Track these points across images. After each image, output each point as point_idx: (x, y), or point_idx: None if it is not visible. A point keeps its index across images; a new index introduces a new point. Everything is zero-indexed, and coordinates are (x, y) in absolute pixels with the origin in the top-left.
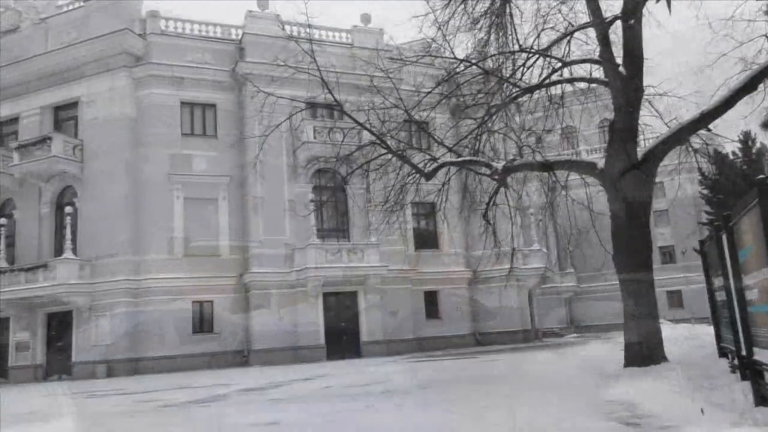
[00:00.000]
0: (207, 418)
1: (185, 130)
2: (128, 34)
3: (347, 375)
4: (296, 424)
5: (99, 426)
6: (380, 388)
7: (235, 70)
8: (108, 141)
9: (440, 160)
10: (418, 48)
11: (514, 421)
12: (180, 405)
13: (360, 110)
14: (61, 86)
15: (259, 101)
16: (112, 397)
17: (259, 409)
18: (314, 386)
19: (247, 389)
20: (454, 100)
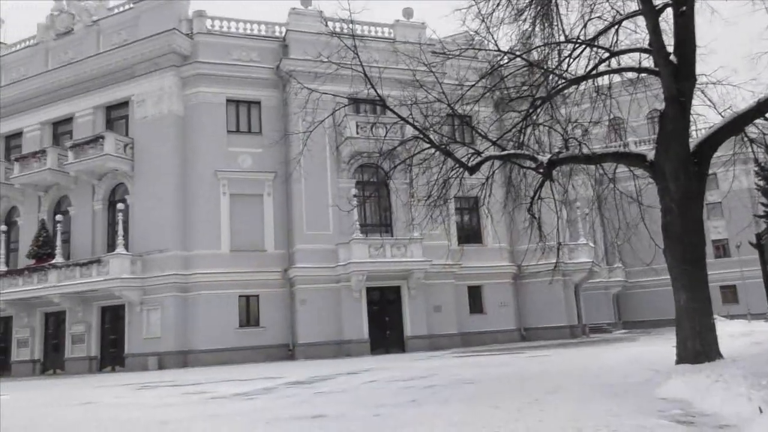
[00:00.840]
0: (254, 410)
1: (231, 128)
2: (176, 34)
3: (391, 369)
4: (342, 417)
5: (151, 415)
6: (425, 382)
7: (279, 67)
8: (157, 139)
9: (484, 153)
10: (461, 41)
11: (561, 418)
12: (228, 397)
13: (403, 105)
14: (112, 86)
15: (303, 98)
16: (163, 389)
17: (304, 402)
18: (359, 380)
19: (293, 383)
20: (498, 93)
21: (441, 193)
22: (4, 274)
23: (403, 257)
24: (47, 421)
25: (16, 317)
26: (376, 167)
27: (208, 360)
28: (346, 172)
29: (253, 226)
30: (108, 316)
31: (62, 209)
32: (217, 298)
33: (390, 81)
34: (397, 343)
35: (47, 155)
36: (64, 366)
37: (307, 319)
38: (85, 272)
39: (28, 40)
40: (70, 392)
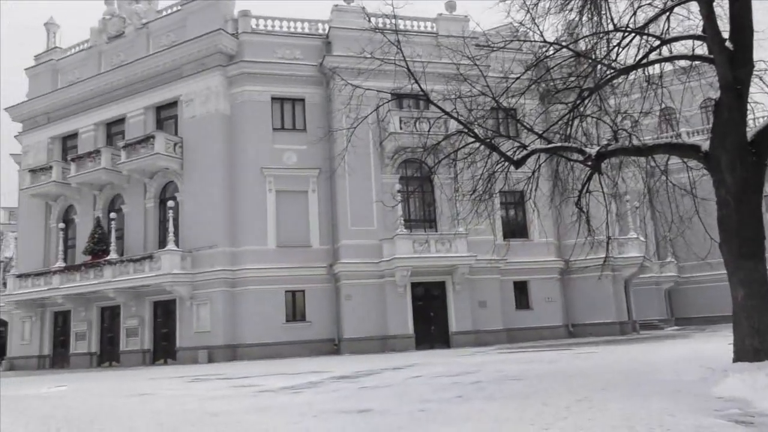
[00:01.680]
0: (301, 403)
1: (276, 125)
2: (222, 34)
3: (437, 365)
4: (388, 412)
5: (203, 407)
6: (471, 378)
7: (323, 64)
8: (205, 138)
9: (530, 147)
10: (505, 33)
11: (612, 417)
12: (276, 391)
13: (446, 99)
14: (162, 87)
15: (347, 94)
16: (213, 382)
17: (350, 396)
18: (404, 375)
19: (339, 377)
20: (544, 84)
21: (486, 187)
22: (62, 270)
23: (448, 252)
24: (106, 411)
25: (74, 311)
26: (419, 162)
27: (255, 354)
28: (390, 168)
29: (299, 222)
30: (160, 311)
31: (116, 207)
32: (264, 293)
33: (433, 75)
34: (442, 338)
35: (101, 155)
36: (119, 358)
37: (352, 314)
38: (138, 268)
39: (82, 44)
40: (125, 384)
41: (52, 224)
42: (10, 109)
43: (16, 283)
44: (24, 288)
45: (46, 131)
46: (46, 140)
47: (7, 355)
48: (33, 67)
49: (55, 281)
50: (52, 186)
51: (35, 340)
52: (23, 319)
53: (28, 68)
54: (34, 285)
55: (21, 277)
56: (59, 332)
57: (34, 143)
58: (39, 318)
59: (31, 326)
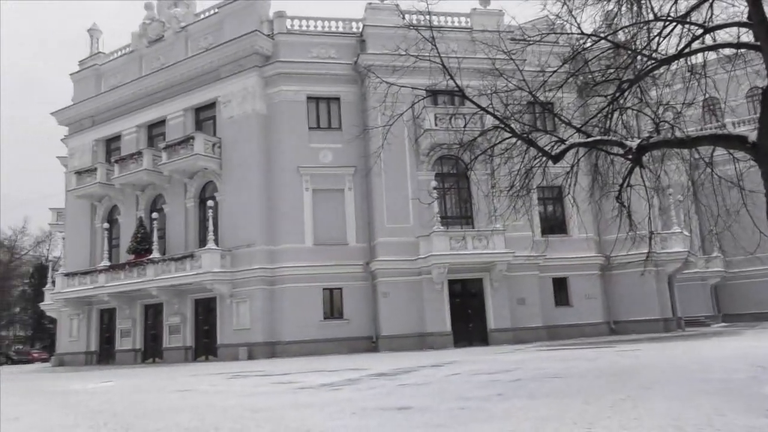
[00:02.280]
0: (341, 400)
1: (311, 124)
2: (258, 35)
3: (475, 362)
4: (427, 409)
5: (244, 403)
6: (510, 376)
7: (357, 62)
8: (242, 138)
9: (568, 141)
10: (541, 26)
11: (659, 416)
12: (315, 387)
13: (482, 94)
14: (200, 89)
15: (381, 92)
16: (253, 378)
17: (389, 393)
18: (443, 373)
19: (377, 374)
20: (582, 77)
21: (523, 183)
22: (107, 269)
23: (485, 249)
24: (150, 406)
25: (119, 309)
26: (455, 159)
27: (294, 351)
28: (426, 165)
29: (335, 220)
30: (201, 308)
31: (158, 207)
32: (302, 291)
33: (468, 71)
34: (480, 335)
35: (143, 156)
36: (163, 355)
37: (389, 311)
38: (180, 266)
39: (124, 48)
40: (168, 380)
41: (97, 224)
42: (57, 114)
43: (64, 282)
44: (71, 286)
45: (91, 134)
46: (90, 143)
47: (57, 351)
48: (77, 72)
49: (100, 280)
50: (97, 187)
51: (83, 336)
52: (71, 316)
53: (73, 73)
54: (80, 283)
55: (68, 275)
56: (105, 329)
57: (79, 146)
58: (86, 315)
59: (78, 323)
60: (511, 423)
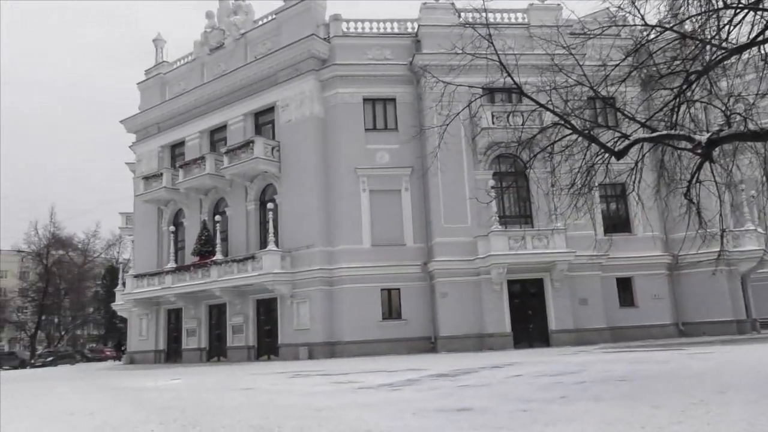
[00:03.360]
0: (400, 400)
1: (368, 125)
2: (314, 39)
3: (537, 364)
4: (488, 411)
5: (305, 402)
6: (573, 378)
7: (413, 62)
8: (301, 141)
9: (632, 136)
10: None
11: (734, 421)
12: (375, 387)
13: (541, 91)
14: (259, 94)
15: (437, 91)
16: (314, 377)
17: (449, 394)
18: (503, 374)
19: (437, 375)
20: (646, 70)
21: (585, 180)
22: (173, 271)
23: (546, 249)
24: (216, 403)
25: (185, 309)
26: (513, 157)
27: (353, 351)
28: (483, 164)
29: (393, 221)
30: (262, 309)
31: (220, 210)
32: (360, 292)
33: (526, 67)
34: (541, 337)
35: (206, 161)
36: (226, 354)
37: (447, 312)
38: (242, 268)
39: (187, 56)
40: (232, 378)
41: (164, 227)
42: (125, 122)
43: (133, 283)
44: (140, 287)
45: (157, 140)
46: (156, 149)
47: (128, 349)
48: (144, 81)
49: (167, 281)
50: (163, 192)
51: (151, 335)
52: (140, 316)
53: (140, 82)
54: (149, 284)
55: (137, 277)
56: (172, 328)
57: (146, 152)
58: (154, 315)
59: (147, 323)
60: (576, 426)
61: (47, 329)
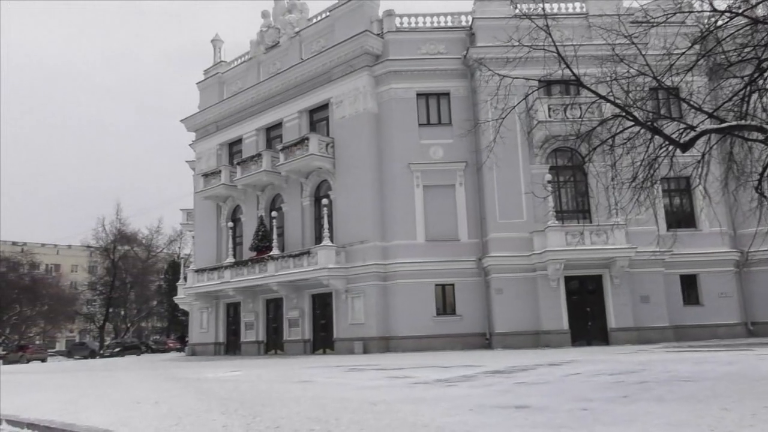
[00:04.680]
0: (456, 396)
1: (422, 120)
2: (368, 35)
3: (595, 362)
4: (546, 409)
5: (361, 396)
6: (635, 378)
7: (467, 56)
8: (354, 137)
9: (699, 128)
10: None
11: None
12: (430, 383)
13: (601, 82)
14: (314, 91)
15: (492, 85)
16: (369, 372)
17: (506, 391)
18: (561, 372)
19: (492, 371)
20: (714, 58)
21: (648, 174)
22: (232, 265)
23: (605, 244)
24: (274, 395)
25: (243, 303)
26: (571, 151)
27: (408, 346)
28: (539, 158)
29: (447, 216)
30: (318, 303)
31: (276, 206)
32: (415, 287)
33: (585, 58)
34: (600, 335)
35: (262, 158)
36: (283, 347)
37: (503, 308)
38: (297, 263)
39: (243, 56)
40: (289, 371)
41: (222, 223)
42: (185, 121)
43: (194, 278)
44: (200, 282)
45: (215, 138)
46: (215, 147)
47: (189, 341)
48: (203, 81)
49: (226, 275)
50: (221, 188)
51: (211, 328)
52: (201, 309)
53: (199, 82)
54: (209, 279)
55: (198, 271)
56: (231, 322)
57: (205, 150)
58: (214, 309)
59: (207, 316)
60: (639, 427)
61: (114, 321)
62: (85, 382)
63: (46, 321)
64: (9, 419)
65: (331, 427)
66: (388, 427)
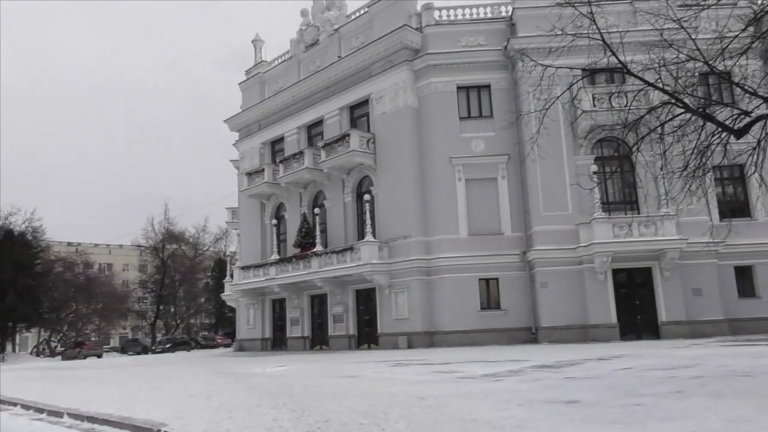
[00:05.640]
0: (504, 391)
1: (462, 114)
2: (407, 30)
3: (646, 357)
4: (598, 404)
5: (408, 391)
6: (689, 372)
7: (507, 47)
8: (395, 132)
9: (754, 113)
10: None
11: None
12: (477, 378)
13: (648, 69)
14: (354, 87)
15: (535, 76)
16: (415, 367)
17: (555, 386)
18: (611, 367)
19: (540, 366)
20: None
21: (700, 162)
22: (277, 262)
23: (654, 236)
24: (322, 390)
25: (288, 299)
26: (617, 140)
27: (452, 341)
28: (584, 148)
29: (489, 210)
30: (362, 298)
31: (319, 203)
32: (458, 281)
33: (631, 45)
34: (650, 328)
35: (304, 156)
36: (328, 342)
37: (548, 302)
38: (341, 259)
39: (283, 55)
40: (335, 366)
41: (266, 221)
42: (228, 121)
43: (240, 275)
44: (246, 278)
45: (258, 137)
46: (258, 146)
47: (237, 337)
48: (244, 81)
49: (271, 272)
50: (265, 186)
51: (258, 324)
52: (247, 305)
53: (241, 83)
54: (254, 276)
55: (244, 269)
56: (277, 318)
57: (248, 149)
58: (260, 305)
59: (254, 312)
60: (695, 423)
61: (165, 318)
62: (139, 377)
63: (100, 318)
64: (70, 412)
65: (380, 422)
66: (436, 422)
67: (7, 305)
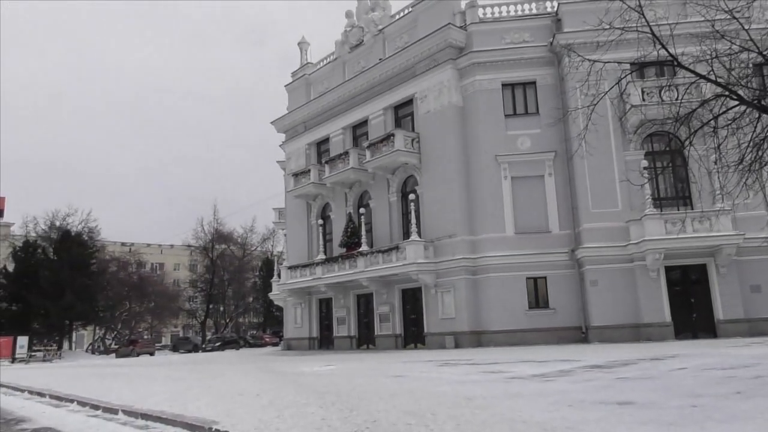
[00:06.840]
0: (554, 392)
1: (507, 111)
2: (451, 28)
3: (703, 356)
4: (653, 405)
5: (456, 391)
6: (749, 372)
7: (553, 43)
8: (440, 131)
9: None
10: None
11: None
12: (526, 378)
13: (700, 61)
14: (398, 87)
15: (582, 71)
16: (462, 367)
17: (607, 387)
18: (665, 367)
19: (591, 366)
20: None
21: (756, 155)
22: (323, 262)
23: (709, 232)
24: (369, 389)
25: (334, 298)
26: (668, 135)
27: (500, 340)
28: (634, 144)
29: (536, 208)
30: (408, 298)
31: (364, 203)
32: (505, 281)
33: (681, 37)
34: (706, 327)
35: (349, 156)
36: (375, 342)
37: (599, 300)
38: (386, 258)
39: (329, 56)
40: (382, 366)
41: (312, 221)
42: (275, 122)
43: (287, 274)
44: (293, 278)
45: (304, 138)
46: (304, 146)
47: (285, 336)
48: (291, 83)
49: (317, 272)
50: (311, 187)
51: (305, 323)
52: (294, 305)
53: (287, 84)
54: (301, 275)
55: (291, 268)
56: (324, 317)
57: (294, 150)
58: (307, 304)
59: (301, 311)
60: (756, 425)
61: (214, 317)
62: (191, 375)
63: (153, 317)
64: (125, 409)
65: (428, 422)
66: (485, 423)
67: (64, 303)
